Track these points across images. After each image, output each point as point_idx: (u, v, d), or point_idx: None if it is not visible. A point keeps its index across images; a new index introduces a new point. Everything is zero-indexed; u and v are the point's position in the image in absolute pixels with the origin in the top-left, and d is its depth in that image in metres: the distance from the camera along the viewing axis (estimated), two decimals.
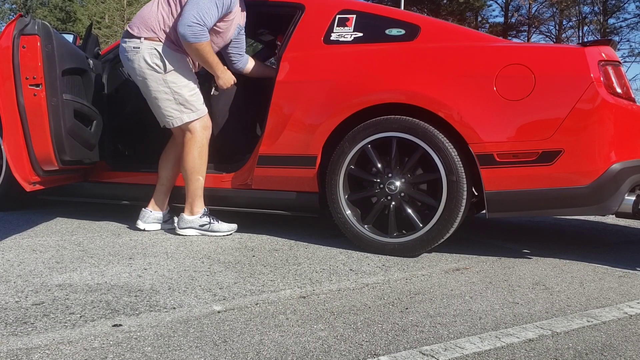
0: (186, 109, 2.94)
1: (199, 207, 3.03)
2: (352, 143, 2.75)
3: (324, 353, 1.52)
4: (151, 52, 2.87)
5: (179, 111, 2.94)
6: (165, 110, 2.93)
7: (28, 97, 2.60)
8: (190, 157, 2.96)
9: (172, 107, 2.93)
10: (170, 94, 2.90)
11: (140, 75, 2.90)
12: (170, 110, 2.93)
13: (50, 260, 2.44)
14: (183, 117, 2.94)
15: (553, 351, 1.58)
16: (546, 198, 2.53)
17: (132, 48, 2.88)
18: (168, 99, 2.91)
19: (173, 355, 1.47)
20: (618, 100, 2.54)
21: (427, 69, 2.72)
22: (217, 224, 3.06)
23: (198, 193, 3.01)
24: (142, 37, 2.87)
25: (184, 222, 3.03)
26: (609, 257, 2.85)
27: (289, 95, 2.92)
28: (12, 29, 2.57)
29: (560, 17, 26.39)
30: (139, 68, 2.88)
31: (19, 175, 2.66)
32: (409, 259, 2.66)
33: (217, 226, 3.06)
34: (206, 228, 3.03)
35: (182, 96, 2.92)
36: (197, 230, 3.03)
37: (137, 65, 2.88)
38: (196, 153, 2.96)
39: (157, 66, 2.87)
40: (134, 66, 2.89)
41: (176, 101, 2.92)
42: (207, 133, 3.03)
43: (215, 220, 3.06)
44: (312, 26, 3.02)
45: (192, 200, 3.02)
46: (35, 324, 1.67)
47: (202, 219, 3.03)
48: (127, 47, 2.91)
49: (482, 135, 2.54)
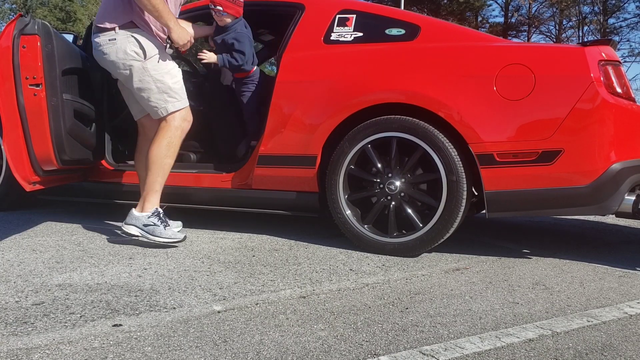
0: (170, 98, 2.78)
1: (151, 205, 2.76)
2: (352, 143, 2.75)
3: (324, 353, 1.52)
4: (128, 40, 2.71)
5: (163, 100, 2.77)
6: (150, 101, 2.77)
7: (28, 97, 2.60)
8: (156, 147, 2.76)
9: (156, 96, 2.76)
10: (152, 83, 2.74)
11: (121, 67, 2.74)
12: (154, 100, 2.77)
13: (50, 260, 2.44)
14: (168, 106, 2.78)
15: (553, 351, 1.58)
16: (546, 198, 2.53)
17: (108, 41, 2.71)
18: (150, 88, 2.75)
19: (173, 355, 1.47)
20: (618, 100, 2.54)
21: (427, 68, 2.72)
22: (161, 228, 2.71)
23: (154, 188, 2.77)
24: (115, 26, 2.70)
25: (130, 218, 2.76)
26: (609, 257, 2.85)
27: (289, 95, 2.92)
28: (12, 28, 2.57)
29: (560, 17, 26.39)
30: (118, 60, 2.72)
31: (19, 175, 2.66)
32: (409, 259, 2.66)
33: (159, 231, 2.71)
34: (148, 230, 2.71)
35: (164, 84, 2.76)
36: (139, 230, 2.73)
37: (116, 58, 2.72)
38: (164, 143, 2.76)
39: (136, 54, 2.72)
40: (112, 59, 2.73)
41: (159, 90, 2.75)
42: (183, 126, 2.83)
43: (163, 224, 2.73)
44: (312, 26, 3.02)
45: (146, 194, 2.78)
46: (35, 324, 1.67)
47: (150, 218, 2.72)
48: (101, 42, 2.74)
49: (482, 135, 2.54)
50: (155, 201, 2.77)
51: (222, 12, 3.06)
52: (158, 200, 2.79)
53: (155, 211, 2.74)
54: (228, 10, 3.06)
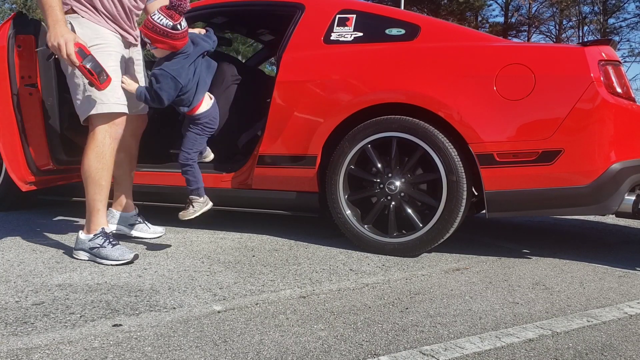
0: (92, 99, 2.38)
1: (95, 225, 2.46)
2: (352, 143, 2.75)
3: (324, 353, 1.52)
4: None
5: (83, 101, 2.39)
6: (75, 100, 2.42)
7: (23, 97, 2.59)
8: (86, 161, 2.42)
9: (78, 96, 2.41)
10: (80, 78, 2.37)
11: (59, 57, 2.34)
12: (76, 99, 2.42)
13: (50, 260, 2.44)
14: (84, 108, 2.40)
15: (553, 351, 1.58)
16: (546, 198, 2.53)
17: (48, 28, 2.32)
18: (77, 84, 2.40)
19: (173, 355, 1.47)
20: (618, 100, 2.54)
21: (427, 68, 2.72)
22: (107, 249, 2.41)
23: (95, 207, 2.46)
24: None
25: (77, 243, 2.49)
26: (609, 257, 2.85)
27: (289, 95, 2.92)
28: (8, 28, 2.57)
29: (560, 17, 26.40)
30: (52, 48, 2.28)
31: (15, 175, 2.65)
32: (409, 259, 2.66)
33: (105, 252, 2.41)
34: (95, 253, 2.42)
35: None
36: (87, 254, 2.45)
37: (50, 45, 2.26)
38: (92, 156, 2.41)
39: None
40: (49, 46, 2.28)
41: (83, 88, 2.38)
42: (111, 131, 2.42)
43: (110, 243, 2.43)
44: (312, 26, 3.02)
45: (88, 215, 2.48)
46: (35, 324, 1.67)
47: (94, 241, 2.43)
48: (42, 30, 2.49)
49: (482, 135, 2.54)
50: (100, 221, 2.47)
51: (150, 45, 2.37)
52: (102, 219, 2.49)
53: (101, 232, 2.45)
54: (158, 45, 2.34)
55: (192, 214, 2.55)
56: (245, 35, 4.59)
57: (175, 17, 2.26)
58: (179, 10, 2.26)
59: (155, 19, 2.27)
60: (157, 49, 2.36)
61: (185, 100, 2.41)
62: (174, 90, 2.37)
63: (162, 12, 2.27)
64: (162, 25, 2.26)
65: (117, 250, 2.42)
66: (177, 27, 2.28)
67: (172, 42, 2.32)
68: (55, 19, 2.22)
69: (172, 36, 2.30)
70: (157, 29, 2.27)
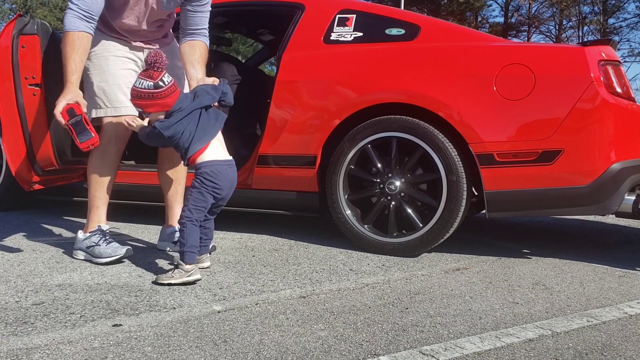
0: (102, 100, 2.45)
1: (93, 223, 2.47)
2: (352, 143, 2.75)
3: (324, 353, 1.52)
4: None
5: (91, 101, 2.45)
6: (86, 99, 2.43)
7: (27, 97, 2.59)
8: (91, 158, 2.49)
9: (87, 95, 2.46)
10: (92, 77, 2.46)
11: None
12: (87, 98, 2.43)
13: (50, 260, 2.44)
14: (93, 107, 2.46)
15: (553, 351, 1.58)
16: (546, 198, 2.53)
17: None
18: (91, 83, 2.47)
19: (173, 355, 1.47)
20: (618, 100, 2.54)
21: (427, 68, 2.72)
22: (101, 247, 2.40)
23: (95, 204, 2.48)
24: None
25: (75, 242, 2.51)
26: (609, 257, 2.85)
27: (289, 95, 2.92)
28: (12, 28, 2.57)
29: (560, 17, 26.40)
30: None
31: (19, 175, 2.65)
32: (409, 259, 2.66)
33: (99, 249, 2.39)
34: (90, 252, 2.42)
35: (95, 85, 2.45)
36: (84, 253, 2.46)
37: None
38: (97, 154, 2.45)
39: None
40: None
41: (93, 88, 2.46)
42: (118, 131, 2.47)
43: (104, 240, 2.42)
44: (312, 26, 3.02)
45: (87, 212, 2.52)
46: (35, 323, 1.67)
47: (90, 239, 2.43)
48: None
49: (482, 135, 2.54)
50: (97, 218, 2.48)
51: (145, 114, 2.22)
52: (101, 217, 2.49)
53: (97, 229, 2.45)
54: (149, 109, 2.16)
55: (168, 279, 2.11)
56: (245, 35, 4.59)
57: (154, 75, 2.10)
58: (156, 67, 2.09)
59: (137, 85, 2.12)
60: (151, 115, 2.17)
61: (181, 149, 2.21)
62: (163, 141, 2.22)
63: (140, 77, 2.13)
64: (144, 88, 2.10)
65: (109, 247, 2.39)
66: (160, 84, 2.10)
67: (160, 101, 2.12)
68: (65, 79, 2.27)
69: (157, 96, 2.11)
70: (141, 94, 2.11)
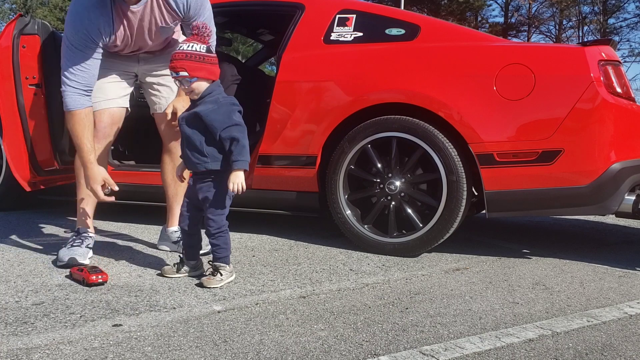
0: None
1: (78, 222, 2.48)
2: (352, 143, 2.75)
3: (324, 353, 1.52)
4: None
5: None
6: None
7: (28, 97, 2.60)
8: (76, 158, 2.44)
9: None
10: None
11: None
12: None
13: (50, 260, 2.44)
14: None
15: (553, 351, 1.58)
16: (546, 198, 2.53)
17: None
18: None
19: (173, 355, 1.47)
20: (618, 100, 2.54)
21: (427, 68, 2.72)
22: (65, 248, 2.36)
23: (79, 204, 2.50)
24: None
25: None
26: (609, 257, 2.85)
27: (289, 95, 2.92)
28: (12, 28, 2.58)
29: (560, 17, 26.41)
30: None
31: (19, 175, 2.66)
32: (409, 259, 2.66)
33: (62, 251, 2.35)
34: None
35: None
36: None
37: None
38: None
39: None
40: None
41: None
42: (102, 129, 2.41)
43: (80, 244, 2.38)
44: (312, 26, 3.02)
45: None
46: (35, 324, 1.67)
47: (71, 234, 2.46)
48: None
49: (482, 135, 2.54)
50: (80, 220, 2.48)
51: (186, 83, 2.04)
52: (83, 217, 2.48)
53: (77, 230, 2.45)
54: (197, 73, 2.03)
55: (219, 283, 2.09)
56: (245, 35, 4.59)
57: (204, 40, 2.06)
58: (205, 34, 2.06)
59: (186, 48, 2.02)
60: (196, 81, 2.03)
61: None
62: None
63: (189, 41, 2.05)
64: (195, 51, 2.01)
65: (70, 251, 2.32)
66: (211, 49, 2.09)
67: (210, 67, 2.05)
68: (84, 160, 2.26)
69: (208, 60, 2.04)
70: (193, 55, 2.01)
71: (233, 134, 2.02)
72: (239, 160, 2.01)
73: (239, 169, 2.01)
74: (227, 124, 2.02)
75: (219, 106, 2.05)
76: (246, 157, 2.03)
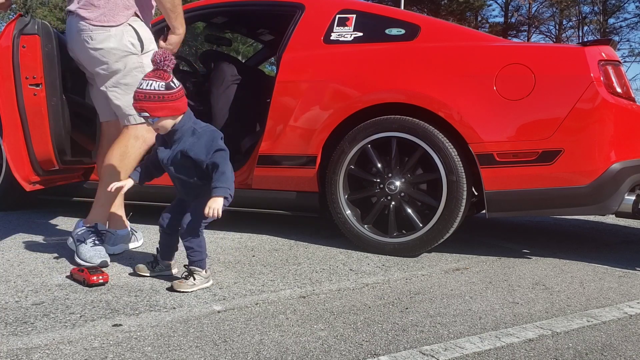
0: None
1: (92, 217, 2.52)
2: (352, 143, 2.75)
3: (324, 353, 1.52)
4: (125, 29, 2.42)
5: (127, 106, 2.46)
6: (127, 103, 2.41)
7: (28, 97, 2.59)
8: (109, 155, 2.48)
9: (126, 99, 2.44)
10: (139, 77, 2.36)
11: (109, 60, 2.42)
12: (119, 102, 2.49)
13: (50, 260, 2.44)
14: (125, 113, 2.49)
15: (553, 351, 1.58)
16: (546, 198, 2.53)
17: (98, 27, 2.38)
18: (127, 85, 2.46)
19: (173, 355, 1.47)
20: (618, 99, 2.54)
21: (427, 68, 2.72)
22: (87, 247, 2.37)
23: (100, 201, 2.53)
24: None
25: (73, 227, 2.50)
26: (609, 257, 2.85)
27: (289, 95, 2.92)
28: (12, 28, 2.57)
29: (560, 17, 26.42)
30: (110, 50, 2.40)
31: (19, 175, 2.65)
32: (409, 259, 2.66)
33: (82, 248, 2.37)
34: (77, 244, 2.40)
35: None
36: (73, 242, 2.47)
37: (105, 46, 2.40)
38: (118, 153, 2.47)
39: (132, 46, 2.44)
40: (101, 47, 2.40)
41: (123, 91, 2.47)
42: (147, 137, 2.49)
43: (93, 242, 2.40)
44: (312, 26, 3.02)
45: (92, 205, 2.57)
46: (35, 323, 1.67)
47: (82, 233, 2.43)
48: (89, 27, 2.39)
49: (482, 134, 2.54)
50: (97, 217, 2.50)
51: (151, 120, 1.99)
52: (101, 216, 2.52)
53: (93, 227, 2.46)
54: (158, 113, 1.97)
55: (190, 287, 2.04)
56: (245, 35, 4.60)
57: (164, 75, 1.97)
58: (165, 67, 1.97)
59: (144, 87, 1.96)
60: (160, 121, 1.98)
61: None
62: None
63: (148, 78, 1.98)
64: (153, 90, 1.95)
65: (91, 251, 2.33)
66: (172, 85, 1.98)
67: (172, 104, 1.97)
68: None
69: (169, 98, 1.96)
70: (150, 95, 1.95)
71: (215, 159, 2.00)
72: (219, 187, 1.98)
73: (219, 195, 1.97)
74: (211, 151, 2.01)
75: (199, 137, 2.03)
76: (226, 184, 1.99)
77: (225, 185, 1.98)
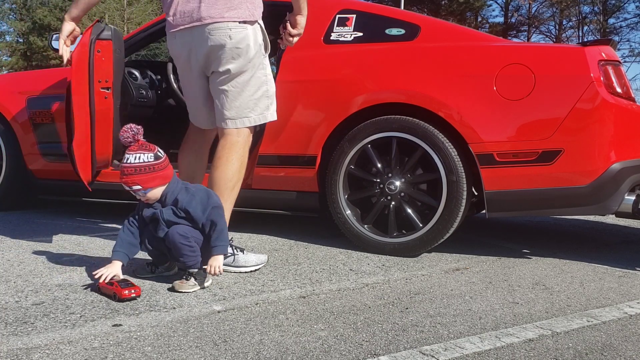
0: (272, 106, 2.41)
1: None
2: (352, 143, 2.75)
3: (324, 353, 1.52)
4: (256, 29, 2.32)
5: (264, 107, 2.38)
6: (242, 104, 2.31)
7: (99, 101, 2.63)
8: (230, 168, 2.31)
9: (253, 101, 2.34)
10: (265, 84, 2.37)
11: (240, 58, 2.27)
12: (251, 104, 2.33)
13: (50, 260, 2.44)
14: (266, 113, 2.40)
15: (553, 351, 1.58)
16: (546, 198, 2.53)
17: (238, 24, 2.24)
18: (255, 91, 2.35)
19: (173, 355, 1.47)
20: (618, 100, 2.54)
21: (427, 68, 2.72)
22: (241, 255, 2.34)
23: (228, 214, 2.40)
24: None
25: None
26: (609, 257, 2.85)
27: (289, 95, 2.92)
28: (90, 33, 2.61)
29: (560, 17, 26.44)
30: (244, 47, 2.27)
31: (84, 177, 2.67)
32: (409, 259, 2.66)
33: (242, 258, 2.34)
34: (228, 262, 2.31)
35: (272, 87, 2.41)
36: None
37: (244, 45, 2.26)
38: (238, 164, 2.33)
39: (261, 47, 2.34)
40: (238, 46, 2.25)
41: (263, 94, 2.37)
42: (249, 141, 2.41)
43: (240, 250, 2.36)
44: (312, 26, 3.01)
45: None
46: (35, 323, 1.67)
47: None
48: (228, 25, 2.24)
49: (482, 134, 2.54)
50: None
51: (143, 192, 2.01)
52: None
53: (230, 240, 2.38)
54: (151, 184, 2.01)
55: (191, 288, 2.04)
56: None
57: (150, 147, 2.01)
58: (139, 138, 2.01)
59: (133, 162, 1.97)
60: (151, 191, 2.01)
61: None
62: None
63: (133, 152, 1.98)
64: (142, 162, 1.98)
65: (249, 256, 2.37)
66: (159, 154, 2.02)
67: (162, 173, 2.01)
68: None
69: (159, 167, 2.00)
70: (141, 168, 1.97)
71: (212, 217, 2.04)
72: (219, 246, 2.06)
73: (219, 254, 2.06)
74: (207, 208, 2.05)
75: (193, 195, 2.06)
76: (225, 241, 2.08)
77: (224, 243, 2.09)
